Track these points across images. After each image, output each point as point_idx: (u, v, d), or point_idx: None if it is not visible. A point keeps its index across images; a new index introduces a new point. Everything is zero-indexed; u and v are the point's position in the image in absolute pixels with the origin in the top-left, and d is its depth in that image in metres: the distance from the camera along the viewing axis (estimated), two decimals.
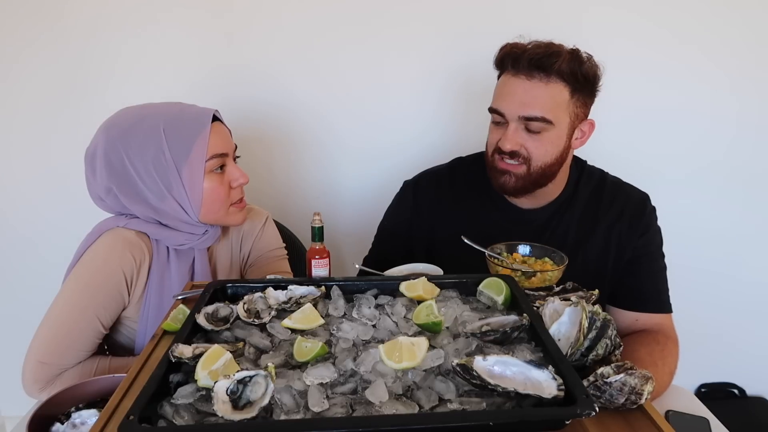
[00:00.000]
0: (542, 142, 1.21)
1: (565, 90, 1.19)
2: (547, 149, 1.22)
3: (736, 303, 2.03)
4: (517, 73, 1.19)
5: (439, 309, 0.85)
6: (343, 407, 0.67)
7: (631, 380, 0.70)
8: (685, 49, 1.78)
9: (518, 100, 1.19)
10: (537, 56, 1.16)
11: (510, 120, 1.21)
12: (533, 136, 1.21)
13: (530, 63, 1.17)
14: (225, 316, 0.87)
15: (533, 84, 1.18)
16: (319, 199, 1.91)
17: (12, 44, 1.68)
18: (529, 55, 1.17)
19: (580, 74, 1.18)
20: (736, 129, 1.87)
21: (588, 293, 0.92)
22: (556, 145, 1.22)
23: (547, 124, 1.19)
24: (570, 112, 1.21)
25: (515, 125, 1.21)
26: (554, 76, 1.17)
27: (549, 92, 1.18)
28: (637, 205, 1.33)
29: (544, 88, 1.17)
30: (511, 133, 1.21)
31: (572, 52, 1.18)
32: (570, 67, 1.16)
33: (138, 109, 1.15)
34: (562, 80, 1.18)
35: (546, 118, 1.18)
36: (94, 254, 1.12)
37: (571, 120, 1.22)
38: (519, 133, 1.21)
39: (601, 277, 1.31)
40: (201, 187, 1.13)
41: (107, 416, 0.70)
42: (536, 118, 1.18)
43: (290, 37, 1.73)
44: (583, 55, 1.19)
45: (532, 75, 1.18)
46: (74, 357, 1.09)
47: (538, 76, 1.17)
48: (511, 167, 1.24)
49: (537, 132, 1.20)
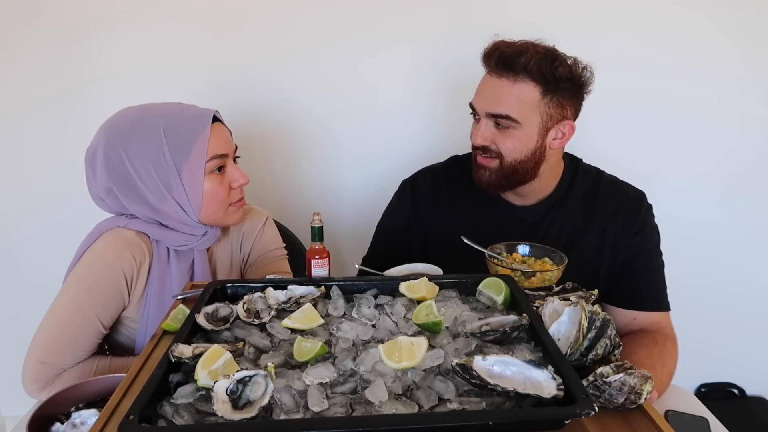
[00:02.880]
0: (510, 139, 1.22)
1: (535, 89, 1.18)
2: (515, 146, 1.22)
3: (737, 303, 2.03)
4: (490, 71, 1.23)
5: (439, 309, 0.85)
6: (342, 407, 0.67)
7: (631, 380, 0.70)
8: (687, 50, 1.78)
9: (487, 97, 1.22)
10: (505, 55, 1.17)
11: (481, 116, 1.24)
12: (502, 132, 1.23)
13: (498, 61, 1.19)
14: (225, 316, 0.87)
15: (501, 82, 1.19)
16: (319, 199, 1.91)
17: (12, 44, 1.68)
18: (499, 54, 1.18)
19: (551, 74, 1.16)
20: (740, 129, 1.87)
21: (587, 293, 0.92)
22: (525, 143, 1.22)
23: (513, 122, 1.20)
24: (541, 111, 1.20)
25: (485, 121, 1.24)
26: (522, 75, 1.17)
27: (515, 91, 1.18)
28: (632, 203, 1.32)
29: (510, 87, 1.19)
30: (481, 128, 1.24)
31: (545, 52, 1.17)
32: (539, 66, 1.15)
33: (138, 109, 1.15)
34: (531, 79, 1.17)
35: (511, 117, 1.19)
36: (95, 254, 1.12)
37: (543, 120, 1.21)
38: (489, 128, 1.24)
39: (596, 275, 1.30)
40: (201, 188, 1.13)
41: (107, 416, 0.70)
42: (501, 115, 1.20)
43: (290, 37, 1.74)
44: (559, 56, 1.18)
45: (501, 73, 1.20)
46: (74, 357, 1.09)
47: (506, 75, 1.19)
48: (486, 161, 1.27)
49: (505, 128, 1.22)
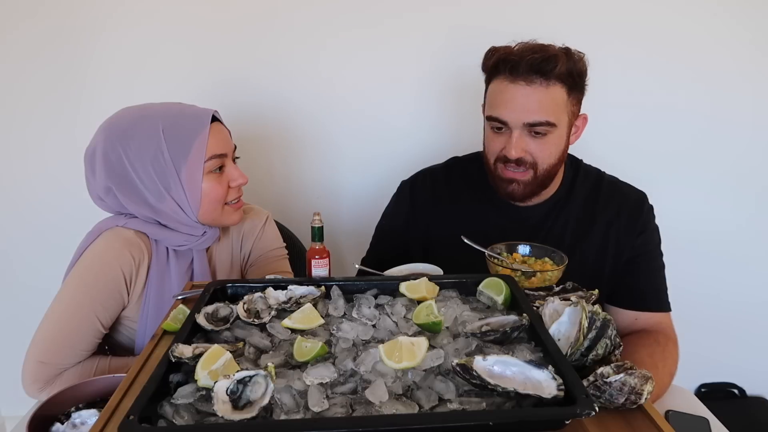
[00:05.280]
0: (547, 145, 1.21)
1: (563, 90, 1.19)
2: (551, 151, 1.22)
3: (737, 303, 2.03)
4: (515, 79, 1.18)
5: (439, 309, 0.85)
6: (343, 407, 0.67)
7: (631, 380, 0.70)
8: (685, 49, 1.78)
9: (520, 107, 1.18)
10: (536, 61, 1.15)
11: (513, 128, 1.20)
12: (537, 140, 1.20)
13: (530, 68, 1.16)
14: (225, 316, 0.87)
15: (534, 89, 1.17)
16: (319, 199, 1.91)
17: (11, 44, 1.68)
18: (529, 61, 1.15)
19: (576, 73, 1.19)
20: (748, 130, 1.86)
21: (588, 293, 0.92)
22: (558, 145, 1.23)
23: (551, 126, 1.19)
24: (568, 111, 1.22)
25: (519, 132, 1.20)
26: (554, 79, 1.17)
27: (550, 95, 1.18)
28: (634, 204, 1.33)
29: (545, 92, 1.17)
30: (515, 140, 1.20)
31: (566, 53, 1.18)
32: (567, 68, 1.17)
33: (137, 109, 1.15)
34: (561, 82, 1.18)
35: (550, 122, 1.18)
36: (94, 254, 1.12)
37: (569, 118, 1.23)
38: (523, 139, 1.20)
39: (599, 275, 1.31)
40: (200, 188, 1.13)
41: (107, 416, 0.70)
42: (541, 123, 1.18)
43: (290, 38, 1.73)
44: (575, 54, 1.20)
45: (532, 80, 1.17)
46: (74, 357, 1.09)
47: (537, 81, 1.17)
48: (517, 175, 1.24)
49: (542, 135, 1.20)
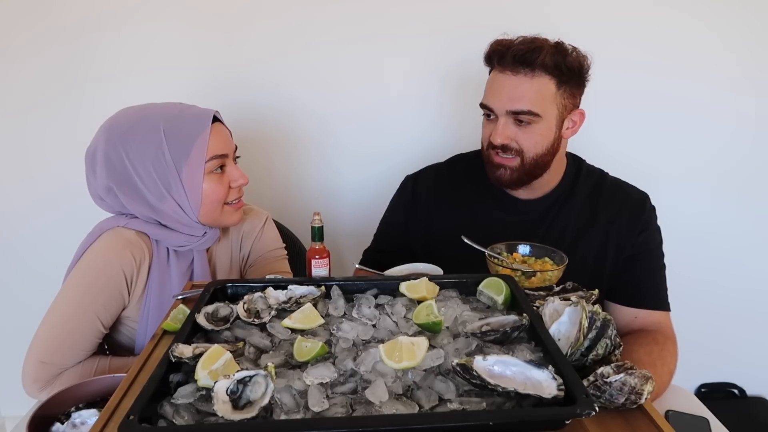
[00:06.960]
0: (532, 134, 1.24)
1: (551, 83, 1.21)
2: (537, 141, 1.25)
3: (737, 303, 2.03)
4: (504, 69, 1.23)
5: (439, 309, 0.85)
6: (343, 407, 0.67)
7: (631, 380, 0.70)
8: (685, 49, 1.78)
9: (505, 95, 1.23)
10: (521, 52, 1.20)
11: (499, 115, 1.25)
12: (522, 129, 1.24)
13: (515, 59, 1.20)
14: (225, 315, 0.87)
15: (519, 79, 1.21)
16: (319, 199, 1.91)
17: (10, 44, 1.68)
18: (514, 51, 1.20)
19: (565, 66, 1.20)
20: (750, 130, 1.86)
21: (588, 293, 0.92)
22: (546, 136, 1.25)
23: (534, 116, 1.22)
24: (557, 103, 1.24)
25: (504, 119, 1.24)
26: (539, 69, 1.20)
27: (534, 86, 1.21)
28: (636, 203, 1.34)
29: (529, 83, 1.21)
30: (500, 127, 1.25)
31: (556, 46, 1.21)
32: (554, 60, 1.19)
33: (138, 109, 1.15)
34: (547, 73, 1.21)
35: (533, 111, 1.21)
36: (94, 254, 1.12)
37: (559, 111, 1.25)
38: (509, 126, 1.25)
39: (599, 272, 1.32)
40: (200, 188, 1.13)
41: (107, 416, 0.70)
42: (523, 111, 1.22)
43: (290, 37, 1.73)
44: (567, 48, 1.22)
45: (518, 70, 1.21)
46: (74, 356, 1.09)
47: (523, 71, 1.21)
48: (505, 161, 1.28)
49: (527, 124, 1.23)
